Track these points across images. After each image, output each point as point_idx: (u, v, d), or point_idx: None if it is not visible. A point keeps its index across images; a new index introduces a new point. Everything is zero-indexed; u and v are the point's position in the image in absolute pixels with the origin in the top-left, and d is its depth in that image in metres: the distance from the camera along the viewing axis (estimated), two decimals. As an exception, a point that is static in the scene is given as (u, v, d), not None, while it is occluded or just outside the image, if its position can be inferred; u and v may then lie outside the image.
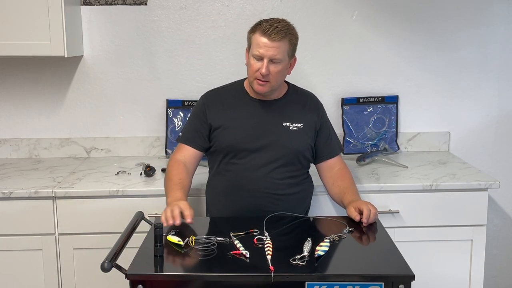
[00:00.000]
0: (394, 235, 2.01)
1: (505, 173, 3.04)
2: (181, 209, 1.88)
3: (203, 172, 2.37)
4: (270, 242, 1.76)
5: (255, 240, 1.81)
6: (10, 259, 2.41)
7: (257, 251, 1.73)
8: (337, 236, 1.85)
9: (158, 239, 1.70)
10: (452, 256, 2.49)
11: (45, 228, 2.39)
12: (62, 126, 2.96)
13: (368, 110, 2.95)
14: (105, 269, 1.59)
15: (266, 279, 1.58)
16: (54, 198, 2.38)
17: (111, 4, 2.86)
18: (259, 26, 2.09)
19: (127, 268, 1.62)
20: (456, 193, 2.45)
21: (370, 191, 2.42)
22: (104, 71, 2.92)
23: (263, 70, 2.06)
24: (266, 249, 1.72)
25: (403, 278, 1.60)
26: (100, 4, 2.86)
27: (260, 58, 2.07)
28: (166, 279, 1.65)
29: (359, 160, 2.77)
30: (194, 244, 1.77)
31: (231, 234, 1.83)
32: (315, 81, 2.93)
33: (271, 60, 2.07)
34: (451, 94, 2.99)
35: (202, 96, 2.28)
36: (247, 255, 1.69)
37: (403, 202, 2.45)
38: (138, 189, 2.41)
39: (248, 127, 2.18)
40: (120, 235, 1.78)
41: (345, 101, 2.94)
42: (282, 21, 2.11)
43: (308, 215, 2.27)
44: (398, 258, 1.72)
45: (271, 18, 2.13)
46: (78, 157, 2.96)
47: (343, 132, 2.93)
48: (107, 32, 2.88)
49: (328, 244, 1.76)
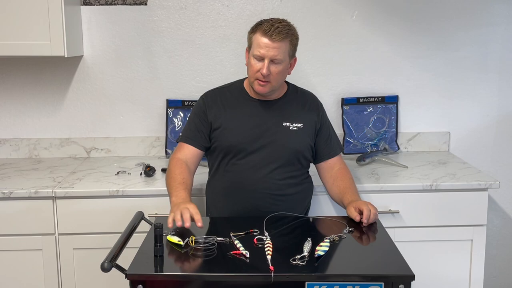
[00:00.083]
0: (394, 235, 2.01)
1: (505, 173, 3.04)
2: (192, 213, 1.83)
3: (203, 172, 2.37)
4: (270, 242, 1.76)
5: (255, 240, 1.81)
6: (10, 259, 2.41)
7: (257, 251, 1.73)
8: (337, 236, 1.85)
9: (158, 239, 1.70)
10: (452, 256, 2.49)
11: (45, 228, 2.40)
12: (62, 126, 2.96)
13: (368, 110, 2.95)
14: (105, 269, 1.59)
15: (266, 279, 1.58)
16: (54, 198, 2.38)
17: (111, 4, 2.86)
18: (260, 27, 2.08)
19: (127, 268, 1.62)
20: (456, 193, 2.45)
21: (370, 191, 2.42)
22: (104, 71, 2.92)
23: (264, 71, 2.05)
24: (266, 249, 1.72)
25: (403, 278, 1.60)
26: (100, 4, 2.86)
27: (261, 59, 2.06)
28: (166, 279, 1.65)
29: (359, 160, 2.77)
30: (194, 244, 1.77)
31: (231, 234, 1.83)
32: (315, 81, 2.93)
33: (272, 61, 2.06)
34: (451, 94, 2.99)
35: (202, 96, 2.27)
36: (247, 255, 1.69)
37: (403, 202, 2.45)
38: (138, 189, 2.41)
39: (248, 128, 2.17)
40: (120, 235, 1.78)
41: (345, 101, 2.94)
42: (283, 21, 2.10)
43: (308, 215, 2.27)
44: (398, 258, 1.72)
45: (272, 18, 2.12)
46: (78, 157, 2.96)
47: (343, 132, 2.93)
48: (107, 32, 2.88)
49: (328, 244, 1.76)
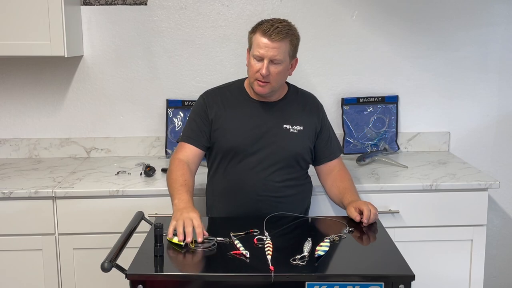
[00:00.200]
0: (394, 235, 2.01)
1: (505, 173, 3.04)
2: (194, 226, 1.80)
3: (203, 172, 2.37)
4: (270, 242, 1.76)
5: (255, 240, 1.81)
6: (10, 259, 2.41)
7: (257, 251, 1.73)
8: (337, 236, 1.85)
9: (158, 239, 1.70)
10: (452, 256, 2.49)
11: (45, 228, 2.39)
12: (62, 126, 2.96)
13: (368, 110, 2.95)
14: (105, 269, 1.59)
15: (266, 279, 1.58)
16: (54, 198, 2.38)
17: (111, 4, 2.86)
18: (260, 27, 2.07)
19: (127, 268, 1.62)
20: (456, 193, 2.45)
21: (370, 191, 2.42)
22: (104, 71, 2.92)
23: (263, 71, 2.04)
24: (266, 249, 1.72)
25: (403, 278, 1.60)
26: (100, 4, 2.86)
27: (261, 59, 2.05)
28: (166, 279, 1.65)
29: (359, 160, 2.77)
30: (194, 246, 1.76)
31: (231, 234, 1.83)
32: (315, 81, 2.93)
33: (272, 61, 2.05)
34: (451, 94, 2.99)
35: (202, 95, 2.25)
36: (247, 255, 1.69)
37: (403, 202, 2.45)
38: (138, 189, 2.41)
39: (248, 129, 2.16)
40: (120, 235, 1.78)
41: (345, 101, 2.94)
42: (283, 22, 2.09)
43: (308, 215, 2.27)
44: (398, 258, 1.72)
45: (272, 18, 2.11)
46: (78, 157, 2.96)
47: (343, 132, 2.93)
48: (107, 32, 2.88)
49: (328, 244, 1.76)
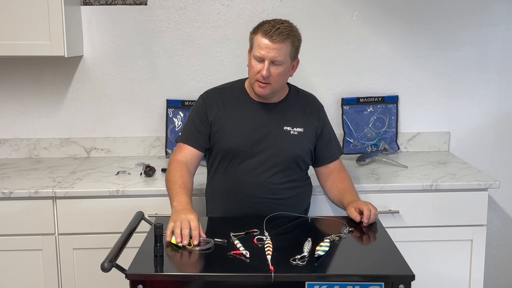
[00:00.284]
0: (394, 235, 2.01)
1: (505, 173, 3.04)
2: (191, 228, 1.80)
3: (203, 172, 2.36)
4: (270, 242, 1.76)
5: (255, 240, 1.81)
6: (10, 259, 2.41)
7: (257, 251, 1.73)
8: (337, 236, 1.85)
9: (158, 239, 1.70)
10: (452, 256, 2.49)
11: (45, 228, 2.39)
12: (62, 126, 2.96)
13: (368, 110, 2.95)
14: (105, 269, 1.59)
15: (266, 279, 1.58)
16: (54, 198, 2.38)
17: (111, 4, 2.86)
18: (261, 27, 2.05)
19: (127, 268, 1.62)
20: (456, 193, 2.45)
21: (370, 191, 2.42)
22: (104, 71, 2.92)
23: (264, 72, 2.02)
24: (266, 249, 1.72)
25: (403, 278, 1.60)
26: (100, 4, 2.86)
27: (261, 60, 2.04)
28: (166, 279, 1.65)
29: (359, 160, 2.77)
30: (192, 248, 1.76)
31: (231, 234, 1.83)
32: (315, 81, 2.93)
33: (272, 62, 2.03)
34: (451, 94, 2.99)
35: (202, 95, 2.24)
36: (247, 255, 1.69)
37: (403, 202, 2.45)
38: (138, 189, 2.41)
39: (248, 130, 2.15)
40: (120, 235, 1.78)
41: (345, 101, 2.94)
42: (285, 22, 2.07)
43: (308, 215, 2.27)
44: (398, 258, 1.72)
45: (274, 19, 2.09)
46: (78, 157, 2.96)
47: (343, 132, 2.93)
48: (107, 32, 2.88)
49: (328, 244, 1.76)
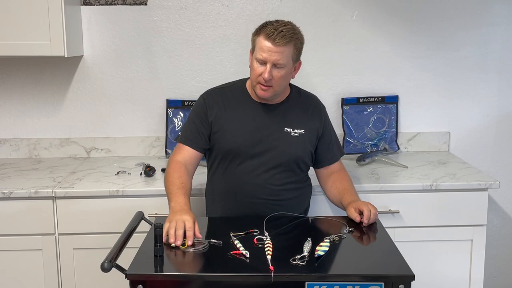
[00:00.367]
0: (394, 235, 2.01)
1: (505, 173, 3.04)
2: (186, 228, 1.80)
3: (203, 172, 2.37)
4: (270, 242, 1.76)
5: (255, 240, 1.81)
6: (10, 259, 2.41)
7: (257, 251, 1.72)
8: (337, 236, 1.85)
9: (158, 239, 1.70)
10: (452, 256, 2.49)
11: (45, 228, 2.39)
12: (62, 126, 2.96)
13: (368, 110, 2.94)
14: (105, 269, 1.59)
15: (266, 279, 1.58)
16: (54, 198, 2.38)
17: (111, 4, 2.86)
18: (264, 29, 2.02)
19: (127, 268, 1.62)
20: (456, 193, 2.45)
21: (370, 191, 2.42)
22: (104, 71, 2.92)
23: (266, 75, 2.01)
24: (266, 249, 1.72)
25: (403, 278, 1.60)
26: (100, 4, 2.86)
27: (263, 62, 2.02)
28: (166, 279, 1.65)
29: (359, 160, 2.77)
30: (185, 248, 1.76)
31: (231, 234, 1.83)
32: (315, 81, 2.93)
33: (274, 65, 2.01)
34: (451, 94, 2.99)
35: (203, 95, 2.23)
36: (247, 255, 1.69)
37: (403, 202, 2.45)
38: (138, 189, 2.41)
39: (249, 131, 2.14)
40: (120, 235, 1.78)
41: (345, 101, 2.94)
42: (287, 25, 2.04)
43: (308, 215, 2.26)
44: (398, 258, 1.72)
45: (277, 21, 2.06)
46: (78, 157, 2.96)
47: (343, 132, 2.93)
48: (107, 32, 2.88)
49: (328, 244, 1.76)
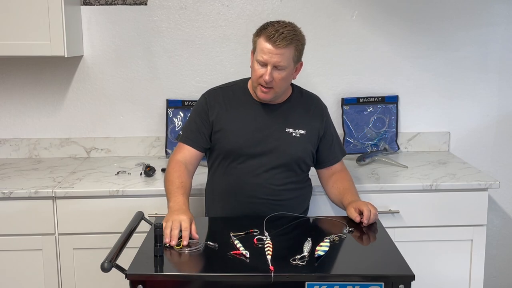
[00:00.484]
0: (394, 235, 2.01)
1: (505, 173, 3.04)
2: (182, 228, 1.80)
3: (203, 172, 2.37)
4: (270, 242, 1.76)
5: (255, 240, 1.80)
6: (10, 259, 2.41)
7: (257, 251, 1.72)
8: (337, 236, 1.85)
9: (158, 239, 1.70)
10: (452, 256, 2.49)
11: (45, 228, 2.39)
12: (62, 126, 2.96)
13: (368, 110, 2.95)
14: (105, 269, 1.59)
15: (266, 279, 1.58)
16: (54, 198, 2.38)
17: (111, 4, 2.86)
18: (265, 31, 2.01)
19: (127, 268, 1.62)
20: (456, 193, 2.45)
21: (370, 191, 2.42)
22: (104, 71, 2.92)
23: (267, 77, 2.00)
24: (266, 249, 1.72)
25: (403, 278, 1.60)
26: (100, 4, 2.86)
27: (264, 64, 2.01)
28: (166, 279, 1.65)
29: (359, 160, 2.77)
30: (180, 248, 1.76)
31: (231, 234, 1.83)
32: (315, 81, 2.93)
33: (275, 67, 2.00)
34: (451, 94, 2.99)
35: (204, 94, 2.23)
36: (247, 255, 1.69)
37: (403, 202, 2.45)
38: (138, 189, 2.41)
39: (250, 131, 2.13)
40: (120, 235, 1.78)
41: (345, 101, 2.94)
42: (288, 26, 2.03)
43: (308, 215, 2.26)
44: (398, 258, 1.72)
45: (278, 22, 2.05)
46: (78, 157, 2.96)
47: (343, 132, 2.93)
48: (107, 32, 2.88)
49: (328, 244, 1.76)
